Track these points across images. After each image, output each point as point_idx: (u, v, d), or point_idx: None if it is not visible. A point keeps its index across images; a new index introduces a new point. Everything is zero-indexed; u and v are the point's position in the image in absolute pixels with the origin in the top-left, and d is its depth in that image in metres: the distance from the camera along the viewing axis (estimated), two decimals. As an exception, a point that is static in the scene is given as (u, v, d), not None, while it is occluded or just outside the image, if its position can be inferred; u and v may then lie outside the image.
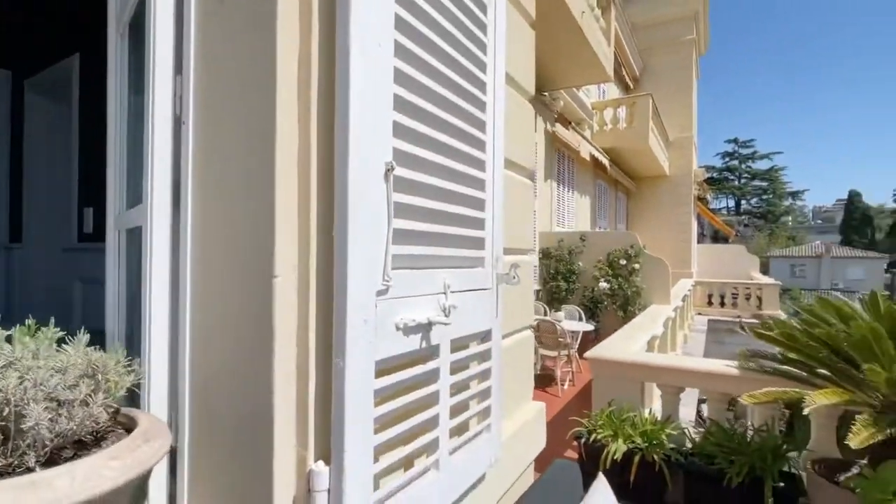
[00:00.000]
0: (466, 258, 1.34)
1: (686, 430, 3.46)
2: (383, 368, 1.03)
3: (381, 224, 0.98)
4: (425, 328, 1.13)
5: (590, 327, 6.45)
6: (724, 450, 3.07)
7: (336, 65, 0.94)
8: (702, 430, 3.31)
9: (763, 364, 3.12)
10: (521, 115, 1.95)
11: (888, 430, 2.24)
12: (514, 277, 1.43)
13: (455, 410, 1.27)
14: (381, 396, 1.03)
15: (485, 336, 1.45)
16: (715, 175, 49.25)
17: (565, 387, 6.05)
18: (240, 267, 0.96)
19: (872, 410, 2.37)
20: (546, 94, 8.39)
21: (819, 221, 63.71)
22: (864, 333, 2.37)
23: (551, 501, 1.75)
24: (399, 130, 1.04)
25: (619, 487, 2.69)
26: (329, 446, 0.92)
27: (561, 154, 10.12)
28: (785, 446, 3.10)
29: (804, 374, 2.86)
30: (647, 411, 3.68)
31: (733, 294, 13.31)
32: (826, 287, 34.55)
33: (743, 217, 43.28)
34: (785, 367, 3.00)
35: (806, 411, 2.45)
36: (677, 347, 7.66)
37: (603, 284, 7.66)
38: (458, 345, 1.31)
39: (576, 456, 3.17)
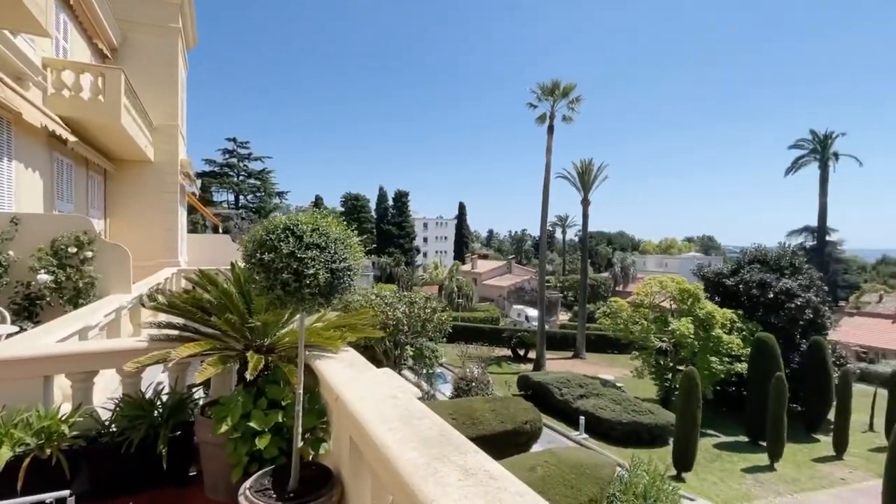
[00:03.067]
0: None
1: (94, 414, 3.46)
2: None
3: None
4: None
5: (13, 329, 5.30)
6: (131, 420, 3.30)
7: None
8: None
9: (169, 333, 3.54)
10: None
11: (225, 365, 3.06)
12: None
13: None
14: None
15: None
16: (216, 169, 51.30)
17: (-32, 411, 4.69)
18: None
19: (225, 353, 3.15)
20: (-57, 21, 6.09)
21: (300, 217, 79.19)
22: (219, 295, 3.15)
23: None
24: None
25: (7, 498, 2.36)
26: None
27: (-16, 110, 7.62)
28: (189, 399, 3.65)
29: (197, 334, 3.45)
30: (56, 406, 3.43)
31: (218, 280, 14.48)
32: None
33: (241, 210, 47.26)
34: (186, 333, 3.52)
35: (170, 364, 3.00)
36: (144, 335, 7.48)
37: (44, 276, 6.44)
38: None
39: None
